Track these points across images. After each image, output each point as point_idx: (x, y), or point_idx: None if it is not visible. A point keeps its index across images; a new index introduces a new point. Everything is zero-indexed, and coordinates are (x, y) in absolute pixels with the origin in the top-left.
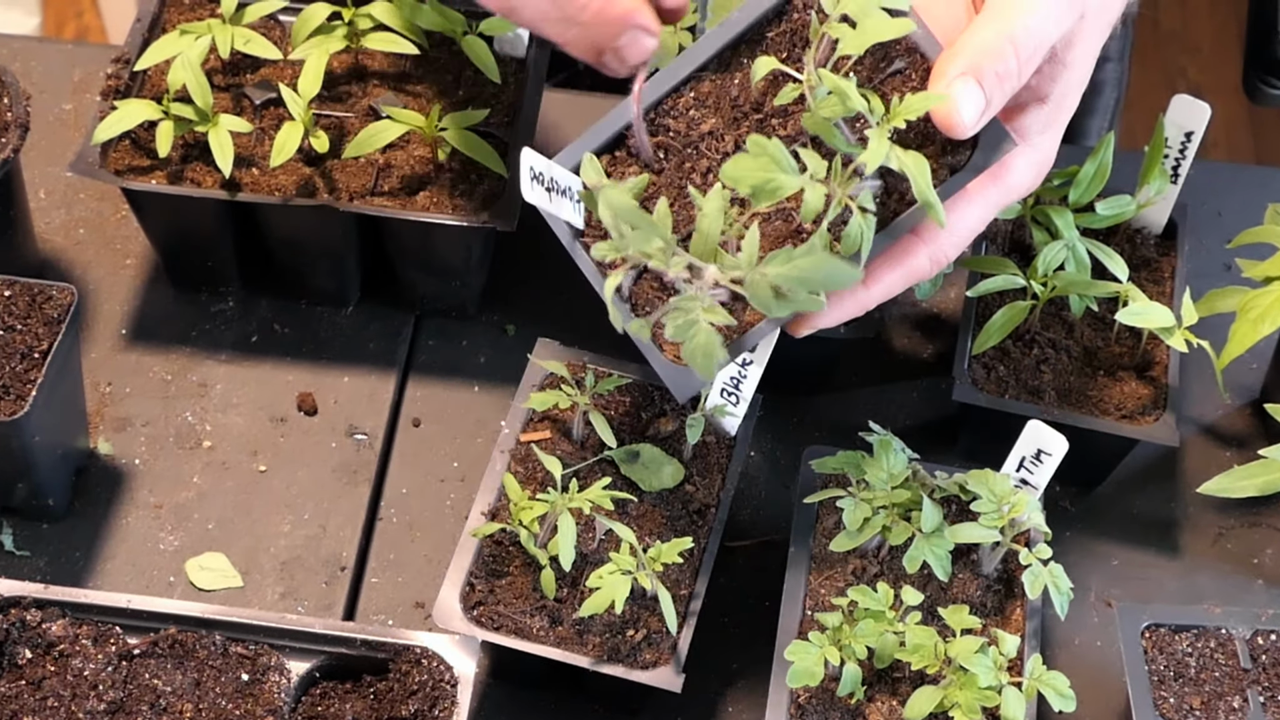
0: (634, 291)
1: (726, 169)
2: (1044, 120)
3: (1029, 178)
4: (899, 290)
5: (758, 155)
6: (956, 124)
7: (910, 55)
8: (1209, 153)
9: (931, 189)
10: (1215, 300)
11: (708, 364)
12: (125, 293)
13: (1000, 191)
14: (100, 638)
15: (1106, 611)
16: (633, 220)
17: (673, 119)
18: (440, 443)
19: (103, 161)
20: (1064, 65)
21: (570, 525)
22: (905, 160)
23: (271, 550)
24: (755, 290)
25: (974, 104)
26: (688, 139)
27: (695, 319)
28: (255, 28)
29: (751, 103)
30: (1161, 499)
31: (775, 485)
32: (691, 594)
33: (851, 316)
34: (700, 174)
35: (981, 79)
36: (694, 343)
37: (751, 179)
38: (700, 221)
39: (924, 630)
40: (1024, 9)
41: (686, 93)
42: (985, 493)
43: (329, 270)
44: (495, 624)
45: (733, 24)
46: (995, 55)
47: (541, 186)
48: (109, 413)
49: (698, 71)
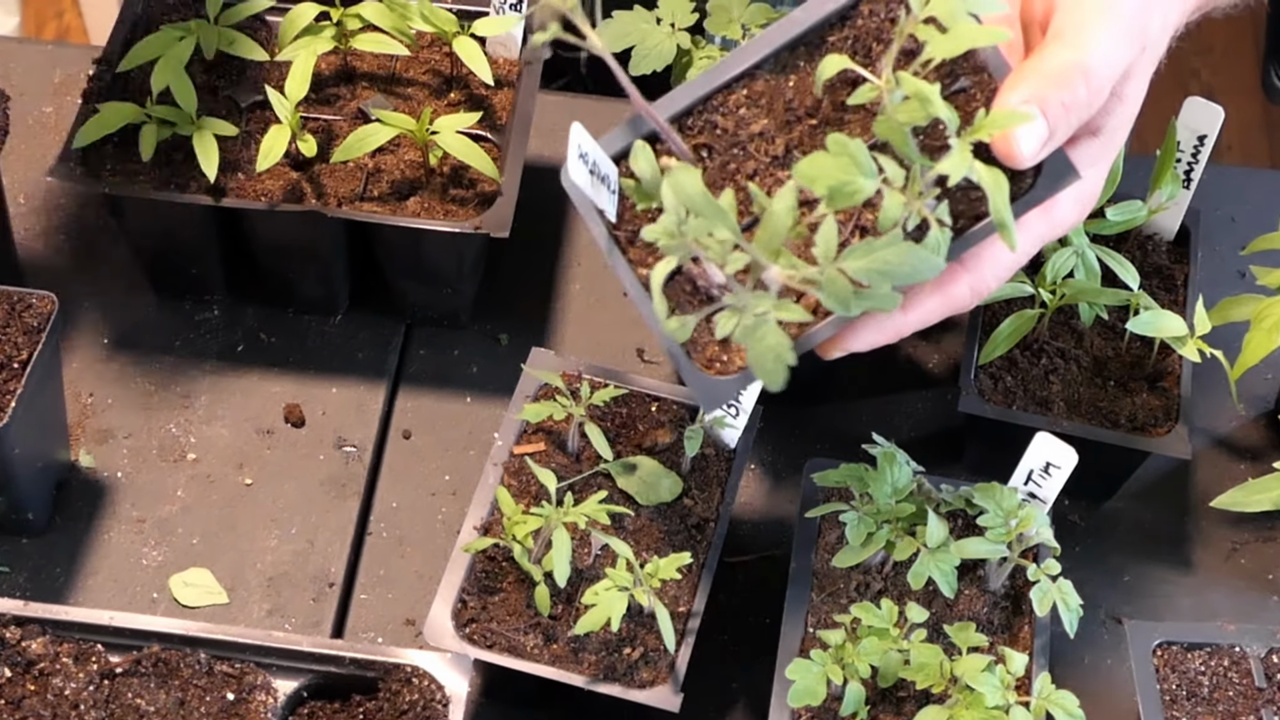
0: (665, 291)
1: (801, 167)
2: (1094, 154)
3: (1074, 213)
4: (936, 319)
5: (838, 155)
6: (1015, 154)
7: (978, 74)
8: (1222, 157)
9: (1008, 208)
10: (1229, 308)
11: (778, 369)
12: (107, 301)
13: (1046, 225)
14: (81, 656)
15: (1117, 629)
16: (701, 208)
17: (721, 115)
18: (431, 455)
19: (84, 166)
20: (1120, 99)
21: (565, 540)
22: (984, 175)
23: (258, 566)
24: (833, 286)
25: (1036, 134)
26: (735, 138)
27: (765, 319)
28: (241, 28)
29: (806, 107)
30: (1173, 513)
31: (776, 499)
32: (690, 611)
33: (887, 341)
34: (746, 176)
35: (1046, 108)
36: (763, 345)
37: (830, 178)
38: (767, 219)
39: (929, 648)
40: (1098, 38)
41: (739, 90)
42: (992, 507)
43: (317, 278)
44: (488, 642)
45: (793, 24)
46: (1065, 84)
47: (586, 168)
48: (90, 424)
49: (752, 69)
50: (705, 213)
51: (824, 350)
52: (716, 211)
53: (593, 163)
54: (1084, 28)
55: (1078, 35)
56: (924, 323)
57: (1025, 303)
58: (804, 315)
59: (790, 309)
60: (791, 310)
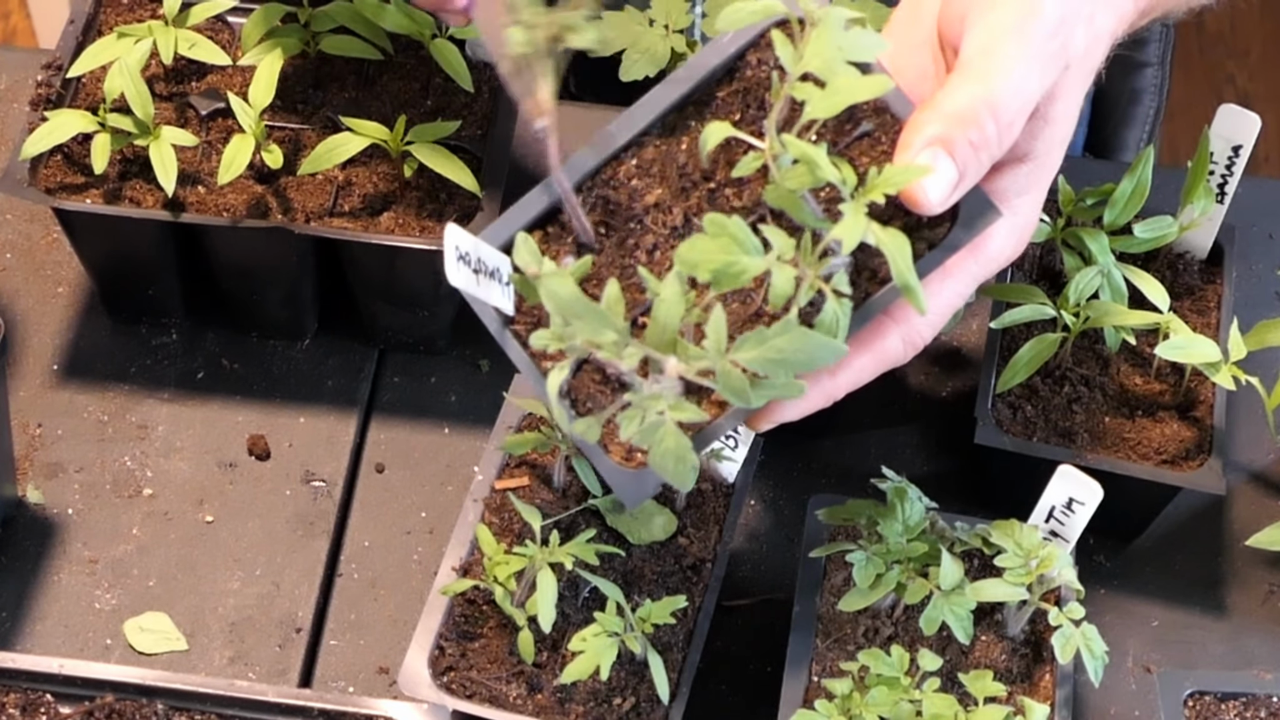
0: (572, 385)
1: (682, 251)
2: (1024, 182)
3: (1009, 246)
4: (869, 378)
5: (716, 235)
6: (921, 201)
7: (880, 115)
8: (1259, 168)
9: (912, 271)
10: (1266, 332)
11: (681, 470)
12: (57, 324)
13: (979, 265)
14: (30, 707)
15: (1146, 678)
16: (580, 313)
17: (613, 190)
18: (406, 490)
19: (32, 178)
20: (1046, 122)
21: (551, 582)
22: (883, 239)
23: (219, 610)
24: (727, 380)
25: (944, 179)
26: (630, 212)
27: (662, 420)
28: (201, 30)
29: (702, 171)
30: (1206, 553)
31: (778, 538)
32: (685, 658)
33: (817, 408)
34: (646, 251)
35: (953, 150)
36: (662, 447)
37: (711, 263)
38: (657, 309)
39: (943, 699)
40: (1004, 67)
41: (628, 160)
42: (1011, 546)
43: (283, 299)
44: (467, 691)
45: (678, 82)
46: (970, 122)
47: (469, 268)
48: (39, 457)
49: (640, 136)
50: (584, 318)
51: (753, 424)
52: (596, 316)
53: (476, 260)
54: (991, 55)
55: (985, 65)
56: (856, 383)
57: (1046, 326)
58: (701, 415)
59: (687, 409)
60: (688, 410)
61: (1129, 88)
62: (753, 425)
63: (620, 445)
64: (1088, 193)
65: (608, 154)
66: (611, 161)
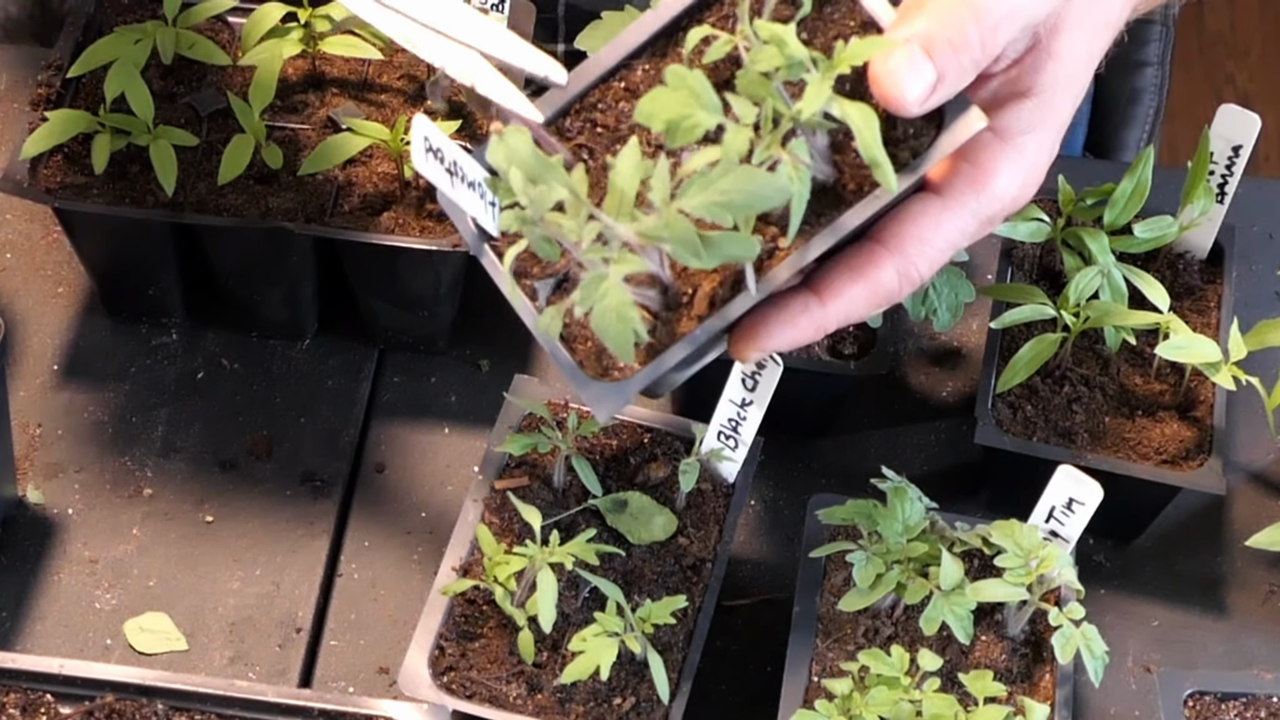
0: (552, 300)
1: (641, 104)
2: (1028, 119)
3: (1014, 187)
4: (863, 311)
5: (676, 88)
6: (898, 100)
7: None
8: (1259, 168)
9: (880, 146)
10: (1266, 332)
11: (622, 331)
12: (57, 324)
13: (979, 201)
14: (29, 707)
15: (1146, 678)
16: (534, 171)
17: (600, 112)
18: (406, 491)
19: (32, 178)
20: (1049, 55)
21: (551, 582)
22: (849, 111)
23: (219, 610)
24: (675, 230)
25: (920, 76)
26: (616, 133)
27: (604, 274)
28: (201, 30)
29: None
30: (1206, 553)
31: (778, 538)
32: (685, 658)
33: (808, 339)
34: None
35: (931, 48)
36: (603, 305)
37: (666, 113)
38: (613, 179)
39: (943, 699)
40: None
41: (616, 83)
42: (1011, 546)
43: (283, 299)
44: (467, 691)
45: (666, 9)
46: (950, 23)
47: (438, 162)
48: (39, 457)
49: (628, 59)
50: (538, 172)
51: (737, 350)
52: (551, 172)
53: (451, 162)
54: None
55: None
56: (848, 315)
57: (1046, 326)
58: (643, 265)
59: (630, 260)
60: (631, 261)
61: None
62: (736, 352)
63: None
64: (1088, 193)
65: (595, 76)
66: (600, 84)
